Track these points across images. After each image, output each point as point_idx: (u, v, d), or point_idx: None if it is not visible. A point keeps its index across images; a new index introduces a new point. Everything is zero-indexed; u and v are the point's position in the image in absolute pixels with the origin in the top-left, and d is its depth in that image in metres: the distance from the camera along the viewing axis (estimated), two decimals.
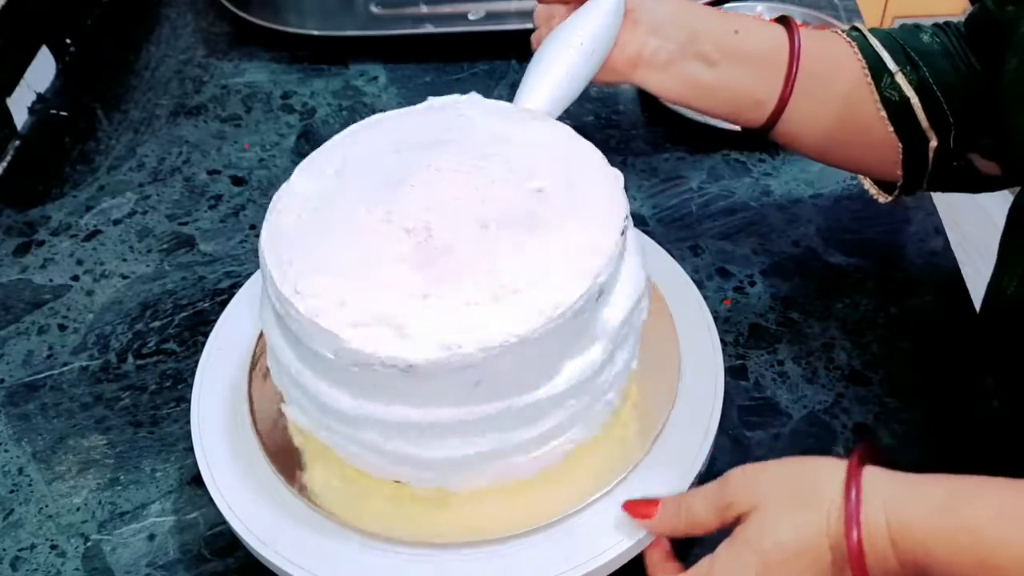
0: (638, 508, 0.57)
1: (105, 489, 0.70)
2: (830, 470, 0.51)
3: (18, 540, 0.67)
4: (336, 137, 0.65)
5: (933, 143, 0.68)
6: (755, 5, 1.03)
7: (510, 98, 0.65)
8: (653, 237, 0.75)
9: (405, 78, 1.03)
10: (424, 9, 1.05)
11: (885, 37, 0.69)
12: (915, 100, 0.67)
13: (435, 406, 0.54)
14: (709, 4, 0.79)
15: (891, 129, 0.68)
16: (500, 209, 0.57)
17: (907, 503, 0.49)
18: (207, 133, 0.99)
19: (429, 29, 1.03)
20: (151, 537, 0.67)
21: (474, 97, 0.65)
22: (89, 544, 0.67)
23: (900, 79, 0.67)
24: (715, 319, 0.68)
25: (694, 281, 0.71)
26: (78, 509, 0.69)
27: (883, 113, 0.68)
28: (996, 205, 1.72)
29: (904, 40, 0.69)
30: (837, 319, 0.77)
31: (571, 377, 0.55)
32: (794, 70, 0.68)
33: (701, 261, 0.82)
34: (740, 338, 0.76)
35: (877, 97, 0.68)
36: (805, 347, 0.75)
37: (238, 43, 1.10)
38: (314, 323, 0.52)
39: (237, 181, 0.93)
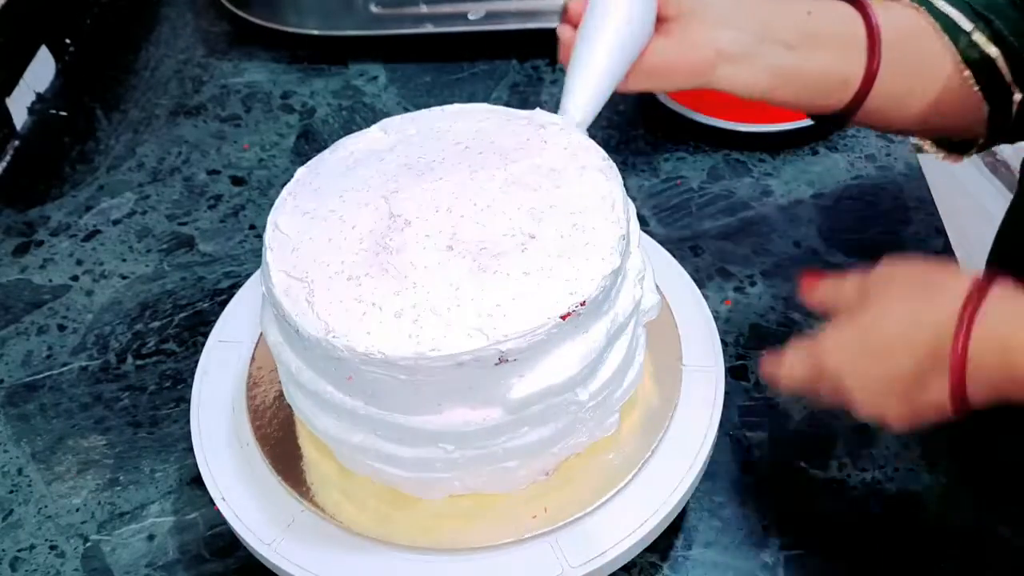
0: (810, 278, 0.60)
1: (104, 489, 0.70)
2: (957, 282, 0.52)
3: (17, 540, 0.67)
4: (347, 141, 0.64)
5: (1017, 96, 0.67)
6: None
7: (510, 98, 0.64)
8: (653, 237, 0.75)
9: (405, 78, 1.03)
10: (424, 9, 1.04)
11: None
12: (996, 54, 0.66)
13: (433, 413, 0.54)
14: None
15: (976, 88, 0.66)
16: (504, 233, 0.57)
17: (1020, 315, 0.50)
18: (207, 133, 0.99)
19: (429, 29, 1.03)
20: (150, 537, 0.67)
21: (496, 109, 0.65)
22: (88, 544, 0.67)
23: (977, 36, 0.66)
24: (715, 319, 0.68)
25: (694, 281, 0.71)
26: (77, 510, 0.69)
27: (967, 73, 0.66)
28: (996, 205, 1.72)
29: None
30: None
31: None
32: (877, 43, 0.66)
33: (701, 261, 0.82)
34: (740, 338, 0.76)
35: (959, 58, 0.66)
36: None
37: (238, 43, 1.10)
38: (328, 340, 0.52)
39: (237, 181, 0.93)
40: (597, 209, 0.57)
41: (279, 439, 0.63)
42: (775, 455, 0.69)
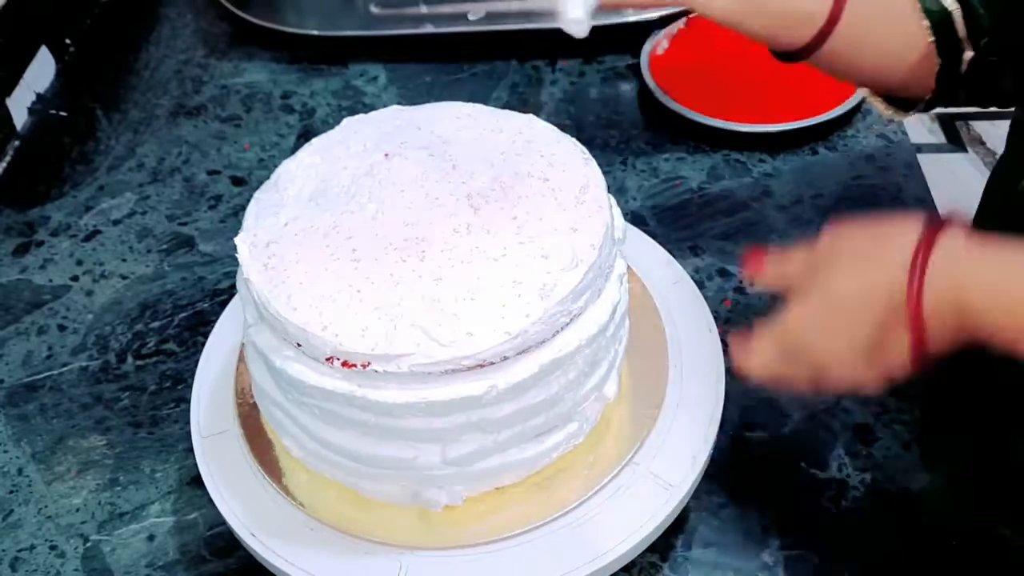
0: (753, 258, 0.60)
1: (104, 490, 0.70)
2: (907, 229, 0.53)
3: (17, 541, 0.67)
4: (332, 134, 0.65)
5: (968, 54, 0.68)
6: None
7: (510, 99, 0.64)
8: (653, 237, 0.75)
9: (405, 78, 1.03)
10: (424, 9, 1.04)
11: None
12: (955, 8, 0.67)
13: (433, 415, 0.54)
14: None
15: (931, 39, 0.67)
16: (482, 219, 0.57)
17: (974, 262, 0.51)
18: (207, 133, 0.99)
19: (429, 29, 1.03)
20: (151, 538, 0.67)
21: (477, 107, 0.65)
22: (88, 545, 0.67)
23: None
24: (716, 319, 0.68)
25: (695, 281, 0.71)
26: (77, 510, 0.69)
27: (925, 23, 0.67)
28: None
29: None
30: None
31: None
32: None
33: (702, 261, 0.82)
34: None
35: (920, 8, 0.67)
36: None
37: (238, 43, 1.10)
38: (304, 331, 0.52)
39: (237, 181, 0.93)
40: (567, 182, 0.57)
41: (274, 442, 0.63)
42: (775, 455, 0.69)
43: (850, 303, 0.53)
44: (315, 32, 1.05)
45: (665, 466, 0.61)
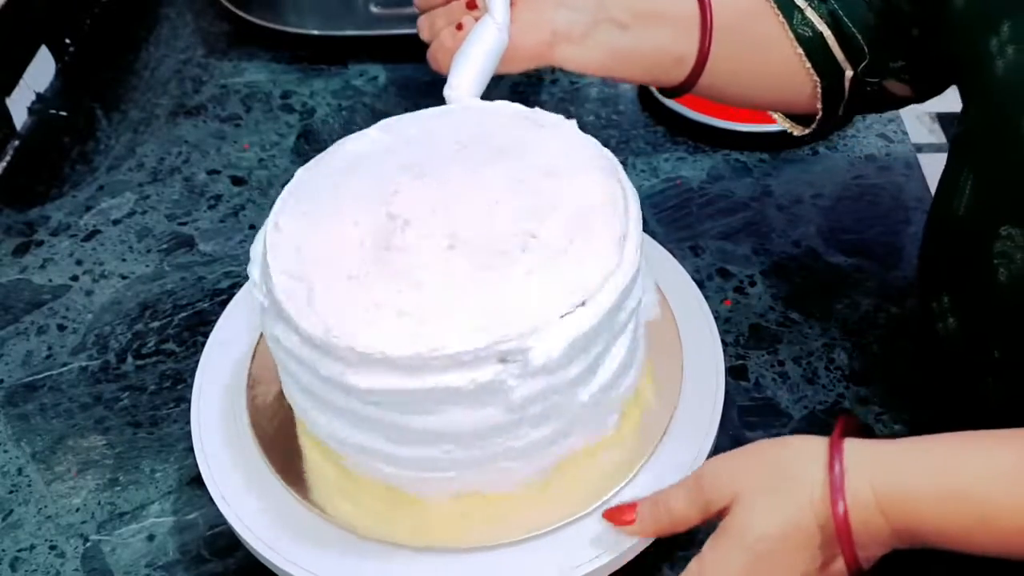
0: (617, 515, 0.56)
1: (104, 490, 0.70)
2: (808, 449, 0.51)
3: (17, 541, 0.67)
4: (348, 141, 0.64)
5: (849, 73, 0.69)
6: None
7: (510, 98, 0.65)
8: (653, 237, 0.75)
9: (405, 78, 1.03)
10: None
11: None
12: (828, 33, 0.68)
13: (438, 413, 0.54)
14: None
15: (808, 65, 0.68)
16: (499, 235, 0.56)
17: (894, 471, 0.49)
18: (207, 133, 0.99)
19: None
20: (150, 538, 0.67)
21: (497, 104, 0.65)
22: (88, 545, 0.67)
23: (810, 14, 0.68)
24: (716, 319, 0.68)
25: (695, 281, 0.71)
26: (77, 510, 0.69)
27: (799, 50, 0.68)
28: None
29: None
30: (837, 319, 0.77)
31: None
32: (709, 21, 0.67)
33: (701, 261, 0.82)
34: (740, 338, 0.76)
35: (791, 35, 0.68)
36: (805, 347, 0.75)
37: (238, 43, 1.10)
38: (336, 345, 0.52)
39: (237, 181, 0.93)
40: (598, 207, 0.57)
41: (279, 439, 0.63)
42: None
43: (777, 543, 0.49)
44: (315, 32, 1.05)
45: (665, 466, 0.61)
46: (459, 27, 0.67)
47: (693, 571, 0.52)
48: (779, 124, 0.78)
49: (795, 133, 0.76)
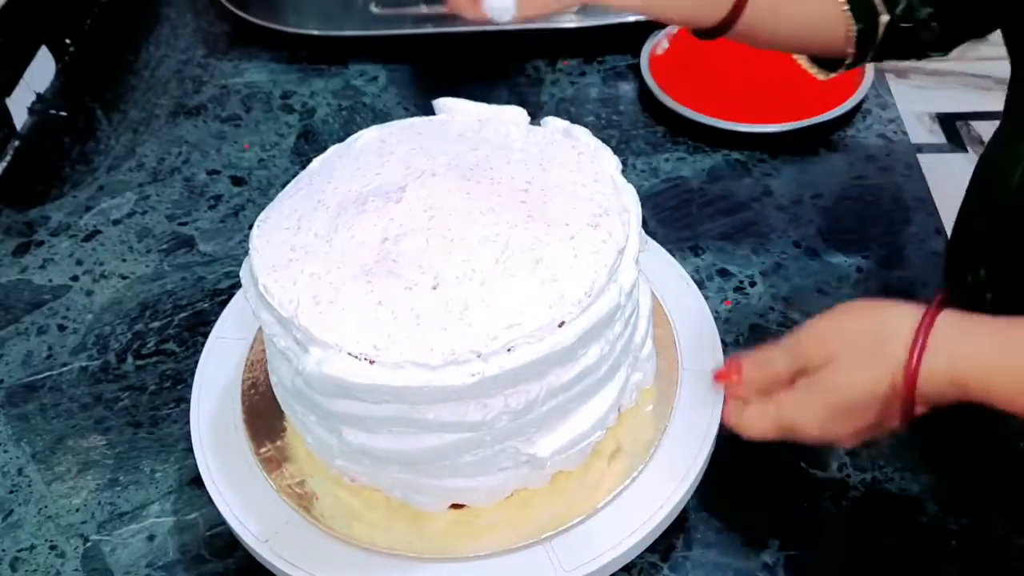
0: (726, 373, 0.60)
1: (104, 490, 0.70)
2: (903, 317, 0.53)
3: (17, 541, 0.67)
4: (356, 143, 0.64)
5: (884, 18, 0.69)
6: None
7: (510, 99, 0.65)
8: (653, 237, 0.75)
9: (405, 78, 1.03)
10: (424, 9, 1.04)
11: None
12: None
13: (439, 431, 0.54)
14: None
15: (846, 8, 0.68)
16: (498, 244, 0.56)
17: (970, 341, 0.51)
18: (207, 133, 0.99)
19: (429, 29, 1.03)
20: (150, 538, 0.67)
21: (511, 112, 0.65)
22: (88, 545, 0.67)
23: None
24: (715, 319, 0.68)
25: (695, 281, 0.71)
26: (77, 510, 0.69)
27: None
28: None
29: None
30: None
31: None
32: None
33: (701, 261, 0.82)
34: (740, 338, 0.76)
35: None
36: None
37: (238, 43, 1.10)
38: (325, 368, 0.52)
39: (237, 181, 0.93)
40: (599, 214, 0.57)
41: (275, 441, 0.63)
42: (775, 455, 0.69)
43: (859, 401, 0.54)
44: (315, 32, 1.05)
45: (665, 466, 0.61)
46: None
47: (781, 407, 0.56)
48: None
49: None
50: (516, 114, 0.64)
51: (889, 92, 0.98)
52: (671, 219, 0.86)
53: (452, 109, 0.65)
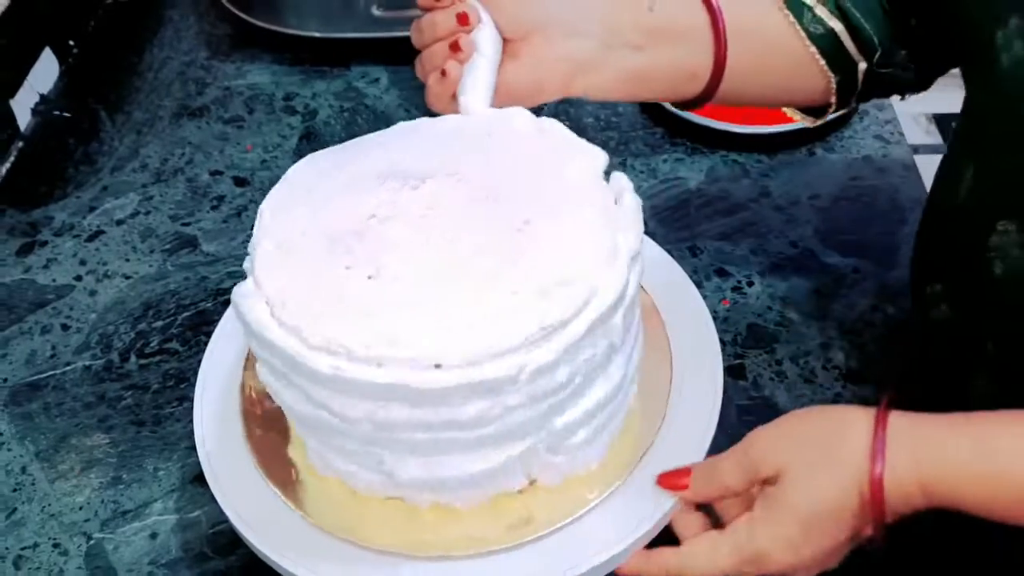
0: (672, 480, 0.58)
1: (108, 488, 0.70)
2: (853, 421, 0.52)
3: (21, 539, 0.68)
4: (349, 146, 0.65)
5: (863, 66, 0.69)
6: None
7: None
8: (653, 237, 0.75)
9: (407, 80, 1.04)
10: None
11: None
12: (840, 28, 0.68)
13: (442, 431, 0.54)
14: None
15: (823, 63, 0.68)
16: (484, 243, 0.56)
17: (936, 446, 0.50)
18: (210, 134, 1.00)
19: None
20: (153, 535, 0.67)
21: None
22: (92, 543, 0.67)
23: (820, 11, 0.68)
24: (714, 319, 0.69)
25: (693, 281, 0.71)
26: (81, 508, 0.69)
27: (812, 49, 0.68)
28: None
29: None
30: (835, 319, 0.77)
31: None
32: (722, 30, 0.67)
33: (700, 261, 0.82)
34: (738, 338, 0.76)
35: (803, 34, 0.68)
36: (803, 347, 0.76)
37: (240, 45, 1.10)
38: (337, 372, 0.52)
39: (239, 182, 0.94)
40: (590, 222, 0.57)
41: (276, 440, 0.63)
42: None
43: (829, 514, 0.52)
44: (317, 34, 1.05)
45: (664, 466, 0.61)
46: (443, 73, 0.65)
47: (743, 532, 0.54)
48: (792, 116, 0.77)
49: (807, 124, 0.76)
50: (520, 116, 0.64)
51: None
52: (669, 219, 0.86)
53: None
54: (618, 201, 0.58)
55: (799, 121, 0.76)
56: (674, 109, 0.93)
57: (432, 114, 0.65)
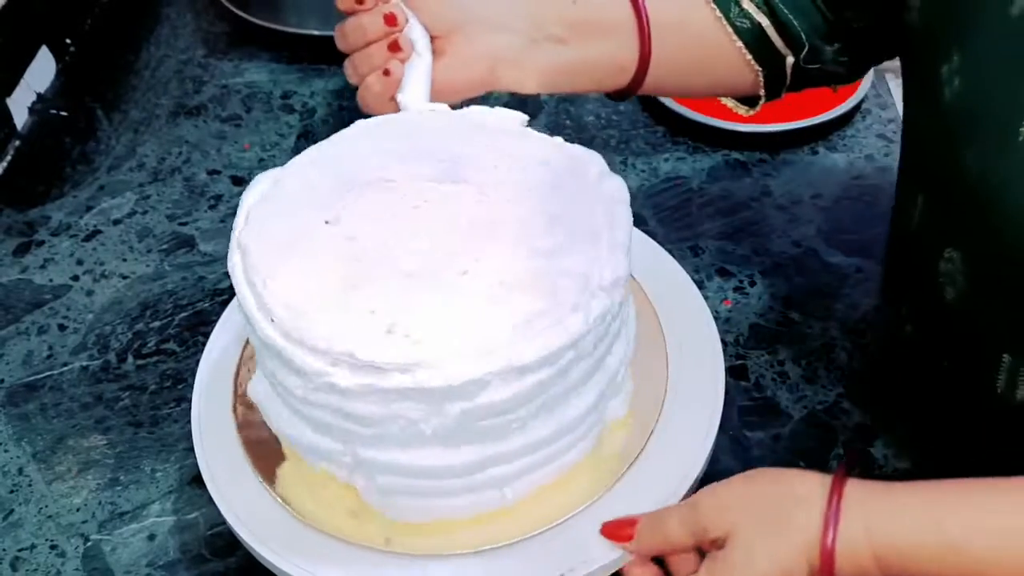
0: (616, 531, 0.56)
1: (105, 489, 0.70)
2: (807, 488, 0.51)
3: (18, 540, 0.67)
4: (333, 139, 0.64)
5: (790, 60, 0.69)
6: None
7: (510, 99, 0.65)
8: (653, 237, 0.75)
9: None
10: None
11: None
12: (766, 23, 0.68)
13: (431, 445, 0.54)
14: None
15: (749, 57, 0.68)
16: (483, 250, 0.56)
17: (890, 519, 0.49)
18: (207, 133, 0.99)
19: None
20: (151, 537, 0.67)
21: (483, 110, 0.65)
22: (89, 544, 0.67)
23: (747, 5, 0.68)
24: (715, 319, 0.68)
25: (694, 281, 0.71)
26: (78, 509, 0.69)
27: (738, 43, 0.68)
28: None
29: None
30: (837, 319, 0.77)
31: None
32: (646, 24, 0.67)
33: (701, 261, 0.82)
34: (740, 338, 0.76)
35: (730, 29, 0.68)
36: (805, 347, 0.75)
37: (238, 43, 1.10)
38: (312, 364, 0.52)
39: (237, 181, 0.94)
40: (585, 230, 0.56)
41: (274, 442, 0.63)
42: (775, 455, 0.69)
43: None
44: (315, 32, 1.05)
45: (665, 466, 0.61)
46: (386, 72, 0.65)
47: None
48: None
49: (741, 112, 0.76)
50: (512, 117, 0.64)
51: (888, 92, 0.98)
52: (670, 219, 0.86)
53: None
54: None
55: (730, 106, 0.77)
56: (676, 108, 0.93)
57: (365, 116, 0.66)
